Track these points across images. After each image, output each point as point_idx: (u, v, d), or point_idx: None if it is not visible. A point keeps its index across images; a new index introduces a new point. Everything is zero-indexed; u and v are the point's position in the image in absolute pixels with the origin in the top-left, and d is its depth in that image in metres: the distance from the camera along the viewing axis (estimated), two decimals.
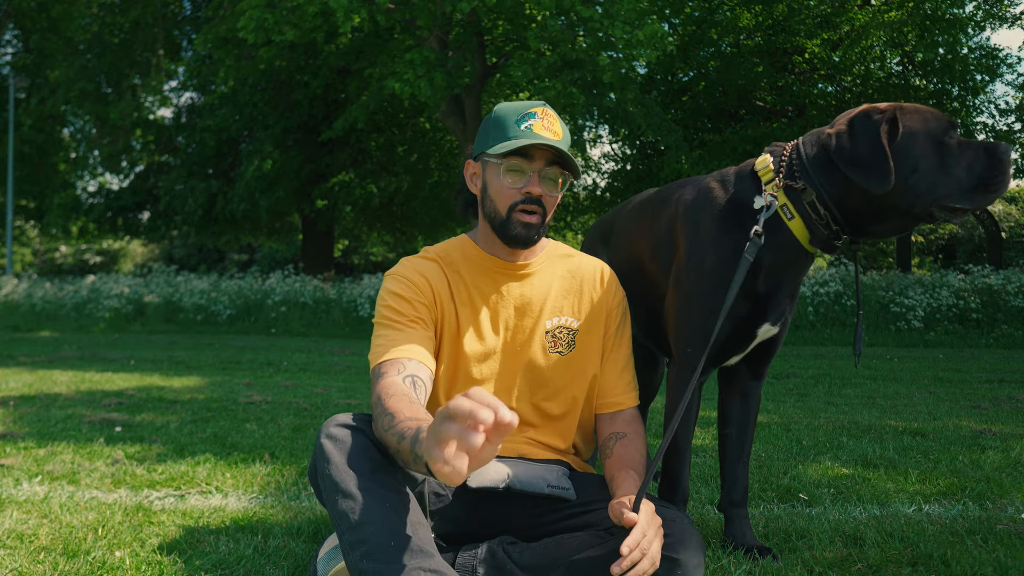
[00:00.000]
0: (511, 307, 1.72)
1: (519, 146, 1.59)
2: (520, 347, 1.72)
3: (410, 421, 1.32)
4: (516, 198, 1.64)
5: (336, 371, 6.35)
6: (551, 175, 1.65)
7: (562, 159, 1.64)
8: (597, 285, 1.78)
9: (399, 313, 1.65)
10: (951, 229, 25.02)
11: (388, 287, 1.69)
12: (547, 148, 1.62)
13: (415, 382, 1.54)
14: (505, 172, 1.63)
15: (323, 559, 1.55)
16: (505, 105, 1.68)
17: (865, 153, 1.57)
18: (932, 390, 4.95)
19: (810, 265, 1.76)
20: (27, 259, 32.31)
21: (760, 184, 1.72)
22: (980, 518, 2.08)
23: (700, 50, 14.13)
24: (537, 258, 1.76)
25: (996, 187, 1.56)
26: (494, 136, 1.65)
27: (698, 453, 3.05)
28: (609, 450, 1.68)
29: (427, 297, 1.68)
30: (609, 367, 1.76)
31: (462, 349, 1.69)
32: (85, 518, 2.07)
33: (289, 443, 3.22)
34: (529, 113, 1.64)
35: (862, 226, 1.66)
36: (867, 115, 1.60)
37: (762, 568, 1.70)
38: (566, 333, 1.74)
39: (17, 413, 3.97)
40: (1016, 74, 19.88)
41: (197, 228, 16.88)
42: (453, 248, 1.76)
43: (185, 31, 17.22)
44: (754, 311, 1.74)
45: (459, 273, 1.72)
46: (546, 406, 1.73)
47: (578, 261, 1.81)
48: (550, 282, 1.75)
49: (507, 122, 1.64)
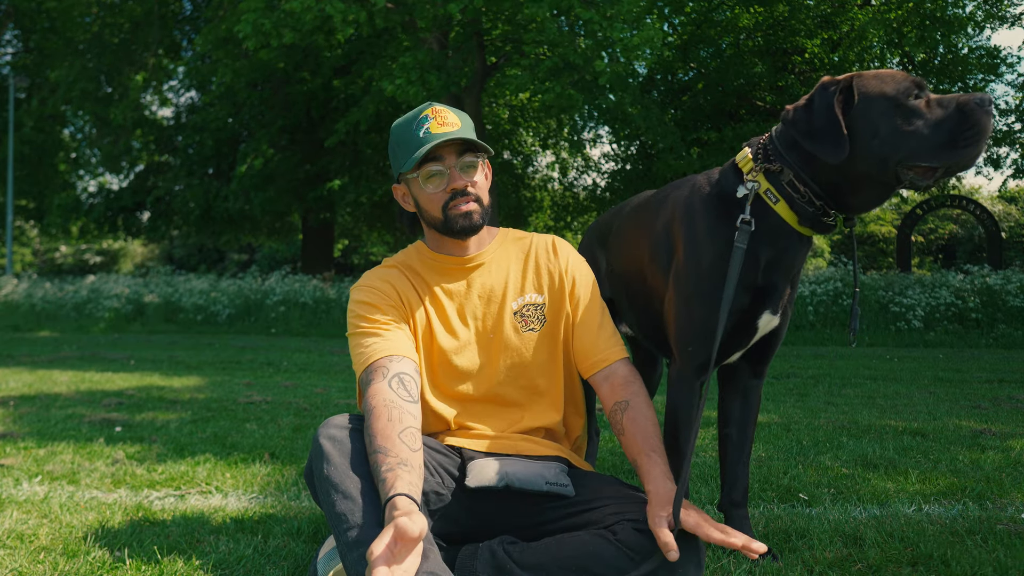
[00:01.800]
0: (475, 297, 1.77)
1: (424, 152, 1.63)
2: (493, 334, 1.75)
3: (378, 455, 1.43)
4: (444, 199, 1.69)
5: (336, 371, 6.35)
6: (467, 163, 1.69)
7: (469, 145, 1.69)
8: (552, 256, 1.82)
9: (371, 320, 1.69)
10: (951, 229, 25.03)
11: (356, 299, 1.74)
12: (450, 142, 1.66)
13: (402, 380, 1.57)
14: (424, 181, 1.69)
15: (323, 559, 1.55)
16: (398, 121, 1.74)
17: (820, 124, 1.57)
18: (932, 390, 4.95)
19: (807, 250, 1.76)
20: (27, 259, 32.30)
21: (742, 175, 1.73)
22: (980, 518, 2.08)
23: (700, 50, 14.13)
24: (489, 247, 1.81)
25: (966, 141, 1.48)
26: (402, 154, 1.70)
27: (698, 453, 3.05)
28: (619, 425, 1.69)
29: (394, 299, 1.73)
30: (583, 327, 1.78)
31: (436, 345, 1.74)
32: (85, 518, 2.07)
33: (289, 443, 3.22)
34: (421, 119, 1.69)
35: (843, 199, 1.65)
36: (824, 87, 1.61)
37: (762, 568, 1.70)
38: (534, 309, 1.78)
39: (17, 413, 3.97)
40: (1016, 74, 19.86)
41: (196, 227, 16.88)
42: (409, 255, 1.83)
43: (185, 31, 17.21)
44: (754, 302, 1.74)
45: (419, 275, 1.78)
46: (533, 383, 1.76)
47: (530, 239, 1.86)
48: (507, 266, 1.80)
49: (406, 135, 1.70)
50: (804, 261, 1.79)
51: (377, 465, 1.42)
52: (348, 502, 1.41)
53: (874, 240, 25.73)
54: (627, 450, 1.66)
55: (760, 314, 1.76)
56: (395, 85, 9.97)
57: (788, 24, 13.17)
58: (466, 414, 1.75)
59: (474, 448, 1.70)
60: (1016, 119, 13.34)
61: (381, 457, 1.42)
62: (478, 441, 1.71)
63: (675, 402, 1.81)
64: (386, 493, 1.36)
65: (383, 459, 1.42)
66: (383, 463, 1.41)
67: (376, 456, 1.43)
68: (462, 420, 1.75)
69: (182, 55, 17.35)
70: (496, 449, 1.70)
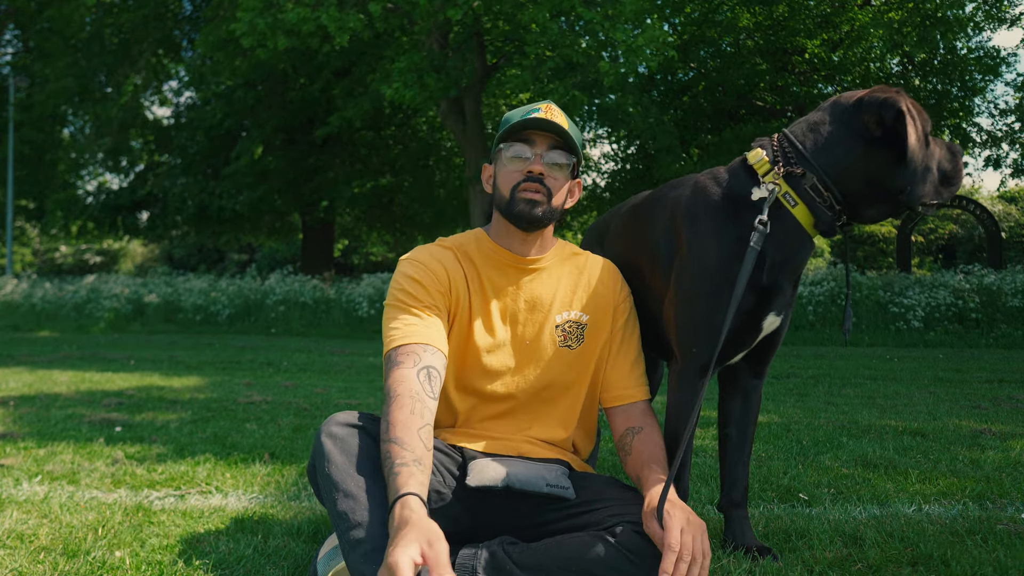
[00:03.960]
0: (521, 301, 1.76)
1: (519, 126, 1.67)
2: (530, 341, 1.74)
3: (393, 445, 1.40)
4: (518, 178, 1.69)
5: (336, 371, 6.34)
6: (554, 159, 1.70)
7: (566, 143, 1.70)
8: (605, 280, 1.82)
9: (414, 298, 1.66)
10: (951, 229, 25.03)
11: (404, 271, 1.71)
12: (548, 133, 1.69)
13: (430, 374, 1.55)
14: (508, 157, 1.70)
15: (323, 559, 1.55)
16: (513, 110, 1.77)
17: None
18: (932, 390, 4.95)
19: (811, 252, 1.78)
20: (27, 259, 32.30)
21: (756, 176, 1.73)
22: (980, 518, 2.08)
23: (700, 50, 14.13)
24: (547, 254, 1.80)
25: (957, 182, 1.68)
26: (502, 135, 1.73)
27: (698, 453, 3.05)
28: (628, 447, 1.70)
29: (443, 284, 1.70)
30: (620, 361, 1.78)
31: (472, 339, 1.72)
32: (85, 518, 2.07)
33: (289, 443, 3.21)
34: (534, 108, 1.71)
35: (857, 208, 1.72)
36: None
37: (762, 568, 1.70)
38: (575, 327, 1.77)
39: (17, 413, 3.97)
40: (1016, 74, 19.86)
41: (193, 226, 16.88)
42: (467, 240, 1.80)
43: (185, 31, 17.21)
44: (760, 302, 1.75)
45: (473, 264, 1.76)
46: (552, 398, 1.76)
47: (585, 258, 1.85)
48: (559, 278, 1.79)
49: (513, 119, 1.72)
50: (807, 262, 1.80)
51: (390, 455, 1.39)
52: (350, 501, 1.40)
53: (874, 240, 25.74)
54: (631, 468, 1.67)
55: (765, 315, 1.77)
56: (393, 88, 10.00)
57: (788, 24, 13.17)
58: (478, 412, 1.75)
59: (476, 448, 1.70)
60: (1016, 119, 13.34)
61: (397, 449, 1.40)
62: (480, 441, 1.71)
63: (677, 402, 1.81)
64: (397, 489, 1.33)
65: (398, 451, 1.39)
66: (398, 455, 1.39)
67: (391, 446, 1.41)
68: (471, 417, 1.74)
69: (182, 55, 17.35)
70: (498, 450, 1.70)
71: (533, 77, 10.00)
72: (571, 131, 1.71)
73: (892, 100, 1.63)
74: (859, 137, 1.66)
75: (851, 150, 1.67)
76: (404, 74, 10.16)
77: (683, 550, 1.37)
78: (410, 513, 1.28)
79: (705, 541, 1.41)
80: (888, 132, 1.63)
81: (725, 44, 14.21)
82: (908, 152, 1.58)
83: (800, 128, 1.74)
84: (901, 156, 1.62)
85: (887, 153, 1.64)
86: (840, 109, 1.70)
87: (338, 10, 9.67)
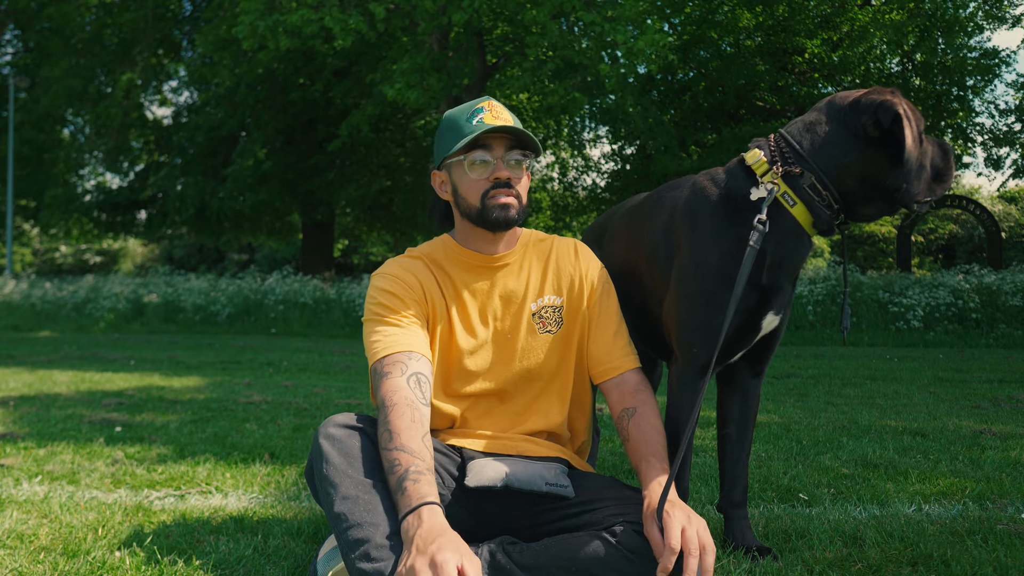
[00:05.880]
0: (496, 297, 1.76)
1: (476, 135, 1.64)
2: (511, 335, 1.75)
3: (402, 453, 1.42)
4: (486, 187, 1.68)
5: (336, 371, 6.35)
6: (514, 158, 1.70)
7: (521, 142, 1.70)
8: (573, 259, 1.83)
9: (391, 309, 1.67)
10: (951, 229, 25.02)
11: (378, 285, 1.72)
12: (504, 134, 1.68)
13: (419, 380, 1.56)
14: (470, 167, 1.69)
15: (323, 559, 1.55)
16: (451, 111, 1.75)
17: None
18: (932, 390, 4.95)
19: (810, 251, 1.79)
20: (27, 259, 32.30)
21: (754, 176, 1.74)
22: (980, 518, 2.08)
23: (700, 50, 14.13)
24: (515, 248, 1.80)
25: (949, 179, 1.73)
26: (450, 140, 1.71)
27: (698, 453, 3.05)
28: (625, 431, 1.69)
29: (417, 294, 1.71)
30: (600, 333, 1.78)
31: (455, 343, 1.73)
32: (85, 518, 2.07)
33: (289, 443, 3.22)
34: (476, 109, 1.70)
35: (854, 206, 1.74)
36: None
37: (762, 568, 1.70)
38: (552, 311, 1.78)
39: (17, 413, 3.97)
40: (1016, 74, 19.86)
41: (192, 227, 16.87)
42: (435, 248, 1.81)
43: (185, 31, 17.21)
44: (760, 301, 1.75)
45: (444, 270, 1.77)
46: (542, 386, 1.77)
47: (551, 242, 1.86)
48: (529, 267, 1.80)
49: (458, 123, 1.70)
50: (805, 261, 1.81)
51: (400, 463, 1.41)
52: (348, 502, 1.40)
53: (874, 240, 25.74)
54: (631, 456, 1.67)
55: (765, 314, 1.77)
56: (395, 89, 10.01)
57: (788, 24, 13.17)
58: (472, 412, 1.75)
59: (475, 448, 1.70)
60: (1016, 119, 13.34)
61: (407, 457, 1.42)
62: (479, 441, 1.71)
63: (677, 402, 1.81)
64: (422, 496, 1.36)
65: (410, 459, 1.41)
66: (411, 463, 1.41)
67: (400, 454, 1.42)
68: (466, 418, 1.75)
69: (182, 55, 17.35)
70: (497, 449, 1.70)
71: (534, 78, 10.01)
72: (517, 124, 1.70)
73: (889, 103, 1.64)
74: (856, 137, 1.67)
75: (848, 150, 1.68)
76: (407, 75, 10.17)
77: (689, 545, 1.37)
78: (442, 522, 1.33)
79: (707, 535, 1.41)
80: (885, 133, 1.64)
81: (725, 44, 14.21)
82: (905, 153, 1.60)
83: (797, 128, 1.75)
84: (897, 156, 1.63)
85: (883, 153, 1.66)
86: (836, 109, 1.71)
87: (340, 11, 9.67)
